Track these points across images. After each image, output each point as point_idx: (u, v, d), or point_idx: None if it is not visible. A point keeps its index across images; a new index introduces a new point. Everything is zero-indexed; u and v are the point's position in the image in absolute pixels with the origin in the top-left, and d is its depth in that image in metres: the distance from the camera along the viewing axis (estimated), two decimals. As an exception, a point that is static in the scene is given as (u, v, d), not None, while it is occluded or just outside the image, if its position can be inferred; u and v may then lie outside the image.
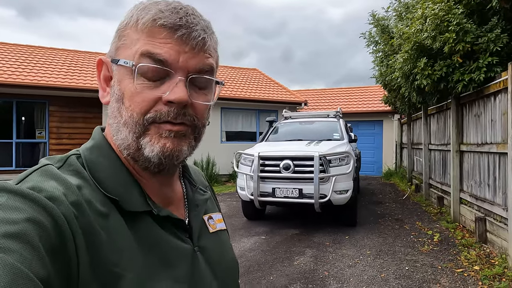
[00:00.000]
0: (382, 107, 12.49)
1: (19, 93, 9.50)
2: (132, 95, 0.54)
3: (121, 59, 0.55)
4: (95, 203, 0.50)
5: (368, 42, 8.36)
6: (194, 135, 0.58)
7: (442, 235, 5.12)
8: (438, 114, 7.10)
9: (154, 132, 0.54)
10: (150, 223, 0.55)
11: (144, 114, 0.53)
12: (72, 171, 0.52)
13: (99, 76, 0.60)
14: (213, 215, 0.72)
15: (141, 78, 0.53)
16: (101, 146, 0.58)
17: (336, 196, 5.12)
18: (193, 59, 0.55)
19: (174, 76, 0.54)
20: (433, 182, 7.42)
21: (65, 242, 0.42)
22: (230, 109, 12.24)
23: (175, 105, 0.53)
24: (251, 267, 3.99)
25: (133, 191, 0.55)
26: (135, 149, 0.55)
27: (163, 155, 0.54)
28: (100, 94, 0.60)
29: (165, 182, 0.62)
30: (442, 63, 4.97)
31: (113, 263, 0.47)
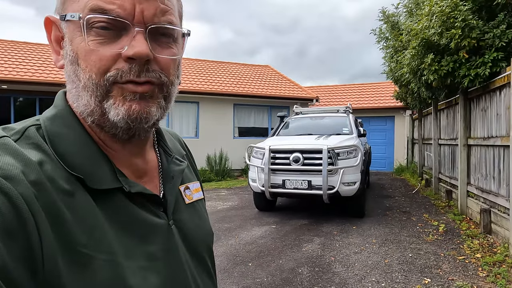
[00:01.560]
0: (393, 103, 12.53)
1: (41, 90, 9.98)
2: (87, 54, 0.48)
3: (68, 13, 0.49)
4: (59, 181, 0.45)
5: (378, 38, 8.47)
6: (163, 94, 0.53)
7: (448, 226, 5.26)
8: (448, 109, 7.18)
9: (117, 93, 0.49)
10: (121, 200, 0.51)
11: (104, 74, 0.48)
12: (31, 144, 0.47)
13: (50, 38, 0.54)
14: (190, 184, 0.68)
15: (93, 34, 0.48)
16: (64, 115, 0.53)
17: (344, 188, 5.31)
18: (150, 6, 0.49)
19: (131, 28, 0.49)
20: (442, 176, 7.52)
21: (24, 226, 0.39)
22: (242, 105, 12.50)
23: (136, 61, 0.48)
24: (261, 252, 4.25)
25: (101, 166, 0.51)
26: (99, 114, 0.50)
27: (129, 119, 0.50)
28: (54, 59, 0.54)
29: (136, 151, 0.57)
30: (449, 59, 5.08)
31: (81, 244, 0.44)
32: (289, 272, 3.63)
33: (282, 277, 3.50)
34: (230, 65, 15.17)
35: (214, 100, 11.93)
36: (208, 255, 0.67)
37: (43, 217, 0.41)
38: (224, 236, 4.89)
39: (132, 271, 0.48)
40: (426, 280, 3.39)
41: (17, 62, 10.16)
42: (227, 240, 4.73)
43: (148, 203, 0.55)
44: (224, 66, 14.74)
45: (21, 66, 9.97)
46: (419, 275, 3.52)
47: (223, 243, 4.58)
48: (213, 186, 9.96)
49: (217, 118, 12.03)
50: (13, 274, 0.37)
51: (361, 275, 3.55)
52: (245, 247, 4.42)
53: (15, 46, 11.42)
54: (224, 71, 13.97)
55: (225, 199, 7.74)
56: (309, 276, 3.54)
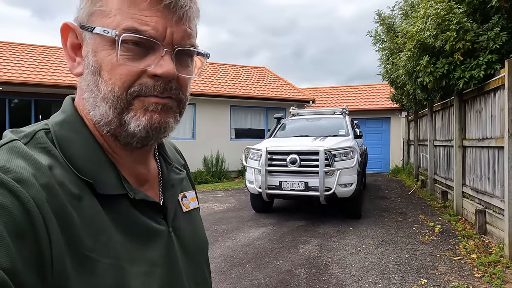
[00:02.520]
0: (389, 104, 12.61)
1: (37, 92, 9.92)
2: (113, 68, 0.50)
3: (97, 27, 0.50)
4: (68, 185, 0.46)
5: (374, 40, 8.53)
6: (180, 109, 0.56)
7: (444, 227, 5.30)
8: (443, 111, 7.24)
9: (139, 106, 0.51)
10: (125, 206, 0.53)
11: (128, 88, 0.50)
12: (41, 148, 0.48)
13: (65, 44, 0.54)
14: (187, 193, 0.70)
15: (123, 49, 0.49)
16: (73, 120, 0.54)
17: (340, 189, 5.34)
18: (180, 30, 0.52)
19: (160, 48, 0.50)
20: (438, 177, 7.57)
21: (34, 228, 0.40)
22: (239, 106, 12.51)
23: (162, 79, 0.51)
24: (258, 253, 4.25)
25: (107, 172, 0.52)
26: (117, 125, 0.52)
27: (150, 128, 0.52)
28: (69, 65, 0.55)
29: (140, 159, 0.59)
30: (444, 61, 5.13)
31: (89, 248, 0.45)
32: (286, 274, 3.64)
33: (279, 279, 3.51)
34: (227, 66, 15.18)
35: (210, 101, 11.93)
36: (204, 263, 0.69)
37: (53, 221, 0.42)
38: (221, 238, 4.89)
39: (135, 276, 0.49)
40: (423, 280, 3.42)
41: (12, 63, 10.10)
42: (224, 242, 4.73)
43: (150, 210, 0.56)
44: (221, 67, 14.74)
45: (16, 68, 9.90)
46: (416, 275, 3.55)
47: (220, 245, 4.58)
48: (210, 187, 9.95)
49: (214, 120, 12.03)
50: (22, 276, 0.37)
51: (358, 276, 3.57)
52: (242, 249, 4.42)
53: (11, 47, 11.36)
54: (220, 72, 13.98)
55: (222, 201, 7.74)
56: (306, 277, 3.55)
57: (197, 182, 10.79)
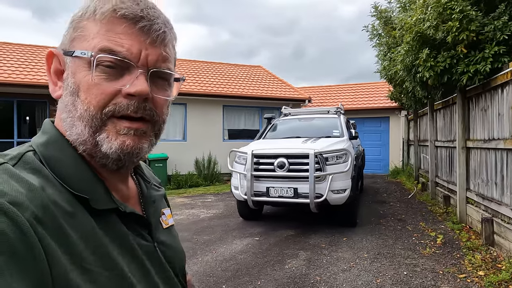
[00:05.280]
0: (388, 103, 12.13)
1: (19, 92, 9.47)
2: (89, 87, 0.51)
3: (77, 50, 0.52)
4: (61, 203, 0.47)
5: (371, 35, 8.05)
6: (155, 132, 0.57)
7: (446, 236, 4.83)
8: (444, 109, 6.77)
9: (112, 128, 0.52)
10: (115, 221, 0.54)
11: (102, 108, 0.51)
12: (30, 169, 0.48)
13: (49, 70, 0.57)
14: (164, 211, 0.71)
15: (99, 70, 0.51)
16: (56, 140, 0.54)
17: (333, 196, 4.87)
18: (154, 53, 0.54)
19: (135, 69, 0.52)
20: (440, 180, 7.10)
21: (31, 250, 0.40)
22: (232, 106, 12.05)
23: (136, 98, 0.52)
24: (239, 270, 3.79)
25: (98, 188, 0.53)
26: (92, 145, 0.52)
27: (122, 152, 0.52)
28: (50, 89, 0.57)
29: (121, 179, 0.60)
30: (446, 54, 4.67)
31: (88, 262, 0.46)
32: (267, 297, 3.17)
33: (258, 303, 3.05)
34: (220, 65, 14.71)
35: (202, 101, 11.47)
36: (182, 277, 0.70)
37: (49, 241, 0.42)
38: (200, 251, 4.43)
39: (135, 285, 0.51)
40: (423, 305, 2.95)
41: (-6, 63, 9.64)
42: (203, 255, 4.26)
43: (136, 225, 0.58)
44: (213, 66, 14.28)
45: (-3, 67, 9.46)
46: (415, 299, 3.08)
47: (198, 260, 4.12)
48: (201, 191, 9.50)
49: (206, 120, 11.57)
50: None
51: (349, 299, 3.10)
52: (221, 265, 3.96)
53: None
54: (213, 71, 13.51)
55: (210, 206, 7.28)
56: (290, 301, 3.09)
57: (187, 185, 10.33)
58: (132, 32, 0.52)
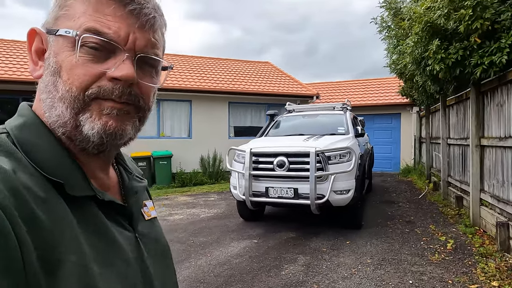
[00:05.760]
0: (399, 99, 11.70)
1: (24, 89, 9.45)
2: (72, 68, 0.49)
3: (61, 29, 0.50)
4: (34, 188, 0.44)
5: (380, 27, 7.69)
6: (138, 115, 0.55)
7: (458, 241, 4.51)
8: (457, 105, 6.39)
9: (95, 108, 0.50)
10: (92, 209, 0.51)
11: (85, 90, 0.49)
12: (3, 152, 0.46)
13: (30, 49, 0.54)
14: (146, 202, 0.69)
15: (83, 51, 0.49)
16: (32, 123, 0.51)
17: (335, 197, 4.60)
18: (142, 37, 0.52)
19: (121, 52, 0.51)
20: (452, 180, 6.73)
21: (3, 236, 0.38)
22: (238, 103, 11.83)
23: (121, 83, 0.50)
24: (232, 276, 3.57)
25: (75, 174, 0.50)
26: (73, 127, 0.50)
27: (104, 133, 0.50)
28: (30, 68, 0.55)
29: (101, 166, 0.58)
30: (458, 45, 4.33)
31: (58, 251, 0.43)
32: (258, 307, 2.95)
33: (247, 314, 2.83)
34: (226, 61, 14.48)
35: (207, 98, 11.28)
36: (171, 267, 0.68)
37: (21, 226, 0.40)
38: (195, 254, 4.23)
39: (103, 278, 0.48)
40: (429, 320, 2.68)
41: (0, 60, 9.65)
42: (197, 259, 4.06)
43: (116, 214, 0.56)
44: (219, 62, 14.06)
45: (3, 65, 9.47)
46: (420, 312, 2.81)
47: (191, 264, 3.92)
48: (205, 189, 9.34)
49: (211, 117, 11.38)
50: None
51: (346, 311, 2.85)
52: (214, 270, 3.75)
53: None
54: (219, 67, 13.30)
55: (212, 206, 7.09)
56: (282, 312, 2.86)
57: (192, 183, 10.17)
58: (121, 14, 0.50)
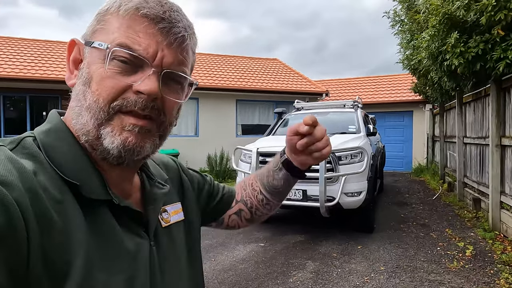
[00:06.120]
0: (412, 96, 11.35)
1: (32, 87, 9.42)
2: (102, 79, 0.52)
3: (95, 41, 0.53)
4: (52, 190, 0.47)
5: (392, 21, 7.39)
6: (159, 133, 0.57)
7: (477, 247, 4.24)
8: (475, 102, 6.09)
9: (117, 123, 0.52)
10: (107, 214, 0.53)
11: (111, 101, 0.52)
12: (27, 154, 0.49)
13: (69, 58, 0.58)
14: (168, 207, 0.68)
15: (113, 64, 0.52)
16: (59, 129, 0.55)
17: (346, 199, 4.38)
18: (170, 55, 0.54)
19: (149, 67, 0.53)
20: (469, 181, 6.43)
21: (14, 229, 0.39)
22: (246, 101, 11.64)
23: (145, 97, 0.52)
24: (237, 284, 3.39)
25: (93, 179, 0.52)
26: (95, 137, 0.53)
27: (123, 149, 0.52)
28: (66, 76, 0.58)
29: (124, 176, 0.59)
30: (479, 38, 4.05)
31: (67, 252, 0.45)
32: (264, 319, 2.76)
33: (252, 327, 2.64)
34: (233, 58, 14.28)
35: (215, 95, 11.11)
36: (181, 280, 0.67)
37: (34, 223, 0.42)
38: (198, 258, 4.05)
39: (104, 285, 0.49)
40: (450, 338, 2.45)
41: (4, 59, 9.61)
42: (201, 264, 3.89)
43: (131, 221, 0.56)
44: (227, 59, 13.86)
45: (10, 62, 9.43)
46: (440, 328, 2.58)
47: (194, 269, 3.75)
48: (211, 189, 9.16)
49: (219, 115, 11.21)
50: None
51: (359, 325, 2.64)
52: (218, 276, 3.57)
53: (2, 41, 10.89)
54: (226, 65, 13.11)
55: (218, 206, 6.91)
56: (289, 325, 2.66)
57: (199, 182, 10.01)
58: (152, 32, 0.53)
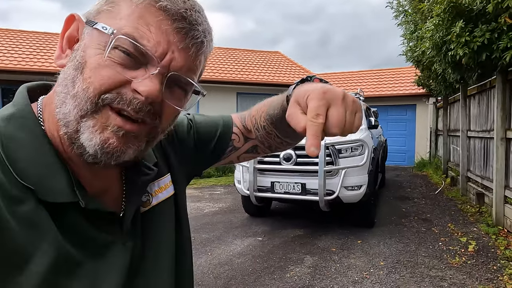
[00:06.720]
0: (415, 89, 11.18)
1: (28, 80, 9.28)
2: (97, 67, 0.45)
3: (99, 23, 0.46)
4: (7, 185, 0.42)
5: (396, 12, 7.22)
6: (147, 138, 0.50)
7: (480, 242, 4.14)
8: (480, 95, 5.95)
9: (102, 119, 0.46)
10: (74, 215, 0.47)
11: (103, 93, 0.45)
12: None
13: (63, 33, 0.50)
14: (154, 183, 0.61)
15: (115, 53, 0.45)
16: (23, 115, 0.48)
17: (346, 193, 4.28)
18: (181, 59, 0.47)
19: (154, 66, 0.46)
20: (472, 175, 6.32)
21: None
22: (247, 94, 11.53)
23: (142, 98, 0.45)
24: (233, 278, 3.31)
25: (57, 177, 0.46)
26: (73, 130, 0.46)
27: (101, 150, 0.46)
28: (56, 54, 0.51)
29: (100, 173, 0.52)
30: (484, 28, 3.91)
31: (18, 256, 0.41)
32: (259, 315, 2.68)
33: (247, 324, 2.57)
34: (235, 51, 14.12)
35: (215, 88, 10.99)
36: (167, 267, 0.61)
37: None
38: (195, 252, 3.98)
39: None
40: (451, 336, 2.37)
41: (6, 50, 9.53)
42: (197, 258, 3.82)
43: (103, 221, 0.51)
44: (228, 52, 13.71)
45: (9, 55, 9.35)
46: (441, 325, 2.50)
47: (190, 263, 3.68)
48: (211, 182, 9.12)
49: (219, 108, 11.07)
50: None
51: (357, 322, 2.56)
52: (214, 270, 3.50)
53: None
54: (227, 57, 12.97)
55: (218, 199, 6.86)
56: (285, 322, 2.58)
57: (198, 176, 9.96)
58: (166, 29, 0.46)
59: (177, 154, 0.70)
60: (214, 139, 0.74)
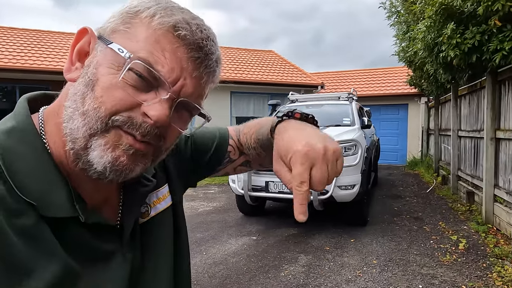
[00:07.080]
0: (407, 89, 11.30)
1: (21, 78, 9.23)
2: (110, 87, 0.45)
3: (115, 44, 0.46)
4: (8, 199, 0.42)
5: (389, 13, 7.29)
6: (153, 157, 0.51)
7: (470, 240, 4.23)
8: (470, 95, 6.05)
9: (113, 138, 0.46)
10: (75, 227, 0.47)
11: (113, 114, 0.45)
12: None
13: (74, 46, 0.50)
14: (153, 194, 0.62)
15: (128, 76, 0.45)
16: (23, 129, 0.48)
17: (339, 192, 4.33)
18: (192, 86, 0.48)
19: (165, 91, 0.46)
20: (462, 174, 6.42)
21: None
22: (240, 93, 11.53)
23: (151, 122, 0.46)
24: (228, 278, 3.34)
25: (57, 192, 0.46)
26: (81, 147, 0.46)
27: (111, 168, 0.46)
28: (65, 67, 0.50)
29: (102, 188, 0.53)
30: (475, 30, 3.98)
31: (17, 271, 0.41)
32: (254, 313, 2.71)
33: (242, 322, 2.59)
34: (228, 50, 14.11)
35: (209, 87, 10.98)
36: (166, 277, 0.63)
37: None
38: (190, 252, 4.00)
39: None
40: (442, 332, 2.42)
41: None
42: (192, 257, 3.83)
43: (104, 232, 0.52)
44: (222, 51, 13.57)
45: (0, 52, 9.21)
46: (432, 322, 2.56)
47: (185, 263, 3.69)
48: (205, 181, 9.10)
49: (213, 107, 11.06)
50: None
51: (350, 320, 2.61)
52: (209, 270, 3.52)
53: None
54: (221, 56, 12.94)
55: (211, 199, 6.87)
56: (280, 320, 2.62)
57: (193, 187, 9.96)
58: (182, 57, 0.46)
59: (175, 165, 0.71)
60: (210, 151, 0.75)
